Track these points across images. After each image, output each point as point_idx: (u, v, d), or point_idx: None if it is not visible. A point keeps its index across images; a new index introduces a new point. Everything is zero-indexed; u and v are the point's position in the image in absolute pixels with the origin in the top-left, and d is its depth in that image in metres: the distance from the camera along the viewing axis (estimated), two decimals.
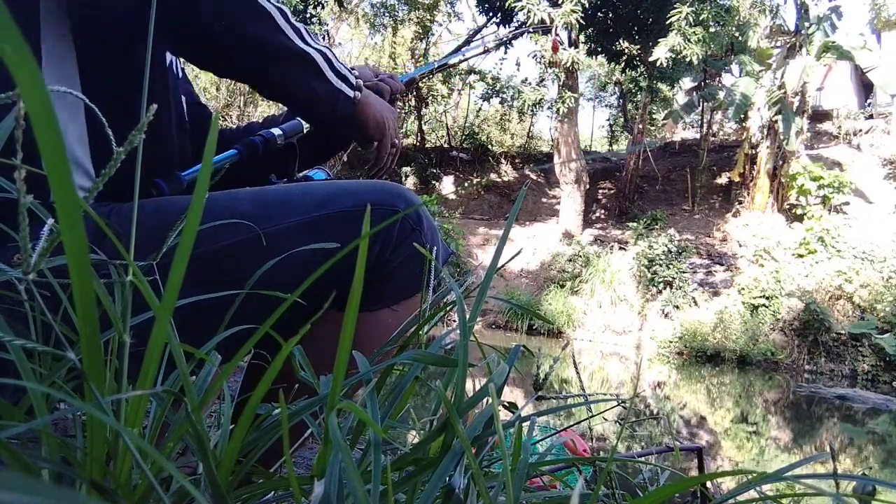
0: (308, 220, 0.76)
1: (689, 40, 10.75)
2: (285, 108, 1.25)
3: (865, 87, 18.91)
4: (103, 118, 0.41)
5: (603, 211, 16.22)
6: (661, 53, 11.01)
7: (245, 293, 0.58)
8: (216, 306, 0.59)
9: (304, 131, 1.08)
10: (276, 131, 1.02)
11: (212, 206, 0.74)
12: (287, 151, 1.07)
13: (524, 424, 0.50)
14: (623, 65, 13.50)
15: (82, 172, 0.76)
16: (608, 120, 23.97)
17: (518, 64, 28.18)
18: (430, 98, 19.83)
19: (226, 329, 0.52)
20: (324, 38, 14.70)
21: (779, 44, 14.22)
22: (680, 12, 10.74)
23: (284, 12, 0.81)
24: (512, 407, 0.63)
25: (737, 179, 14.54)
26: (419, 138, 20.46)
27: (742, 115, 14.08)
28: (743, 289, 11.73)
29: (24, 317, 0.46)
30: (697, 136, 18.00)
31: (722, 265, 12.80)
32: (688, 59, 10.92)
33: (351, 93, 0.90)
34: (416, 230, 0.81)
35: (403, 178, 18.16)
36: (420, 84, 18.94)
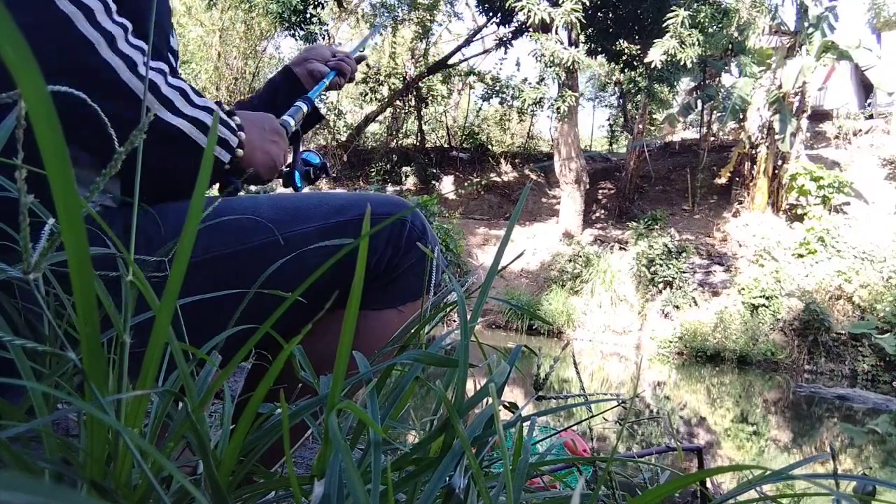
0: (326, 226, 0.82)
1: (684, 43, 10.74)
2: (255, 92, 1.26)
3: (865, 88, 18.93)
4: (106, 119, 0.41)
5: (603, 211, 16.21)
6: (655, 56, 10.99)
7: (260, 294, 0.60)
8: (236, 307, 0.62)
9: (305, 114, 1.09)
10: (290, 120, 1.02)
11: (235, 210, 0.79)
12: (292, 137, 1.07)
13: (524, 424, 0.50)
14: (622, 65, 13.50)
15: (111, 181, 0.76)
16: (608, 120, 23.99)
17: (518, 64, 28.18)
18: (430, 98, 19.82)
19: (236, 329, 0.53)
20: (324, 39, 14.71)
21: (779, 44, 14.20)
22: (677, 15, 10.73)
23: (163, 72, 0.74)
24: (512, 407, 0.63)
25: (725, 179, 14.52)
26: (419, 138, 20.47)
27: (741, 116, 14.06)
28: (743, 289, 11.73)
29: (29, 316, 0.46)
30: (697, 136, 18.00)
31: (722, 265, 12.79)
32: (682, 63, 10.91)
33: (234, 139, 0.82)
34: (422, 239, 0.88)
35: (403, 178, 18.16)
36: (420, 84, 18.94)
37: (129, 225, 0.74)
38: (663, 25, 10.90)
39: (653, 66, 11.19)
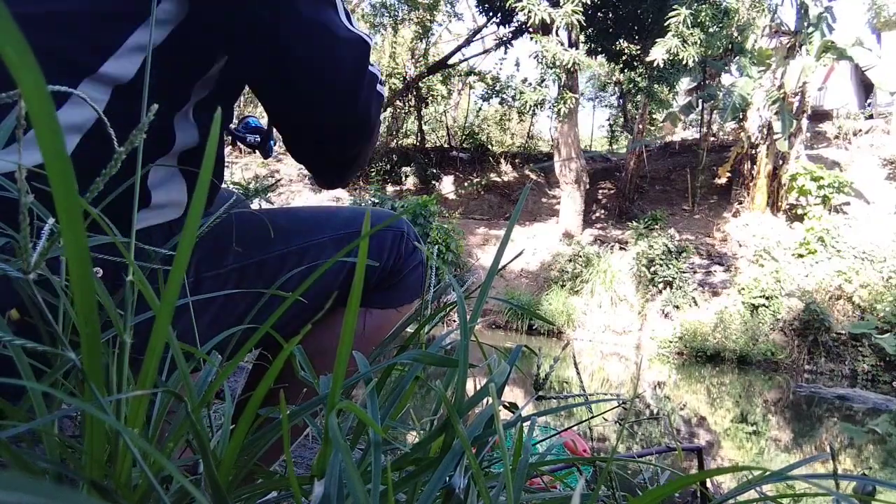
0: (337, 236, 0.92)
1: (686, 42, 10.73)
2: None
3: (865, 88, 18.92)
4: (106, 119, 0.41)
5: (603, 211, 16.21)
6: (657, 55, 10.99)
7: (284, 300, 0.65)
8: (263, 312, 0.66)
9: None
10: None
11: (256, 221, 0.86)
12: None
13: (524, 424, 0.50)
14: (622, 65, 13.49)
15: (178, 188, 0.77)
16: (608, 120, 23.98)
17: (517, 64, 28.14)
18: (430, 98, 19.80)
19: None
20: None
21: (778, 44, 14.20)
22: (678, 14, 10.72)
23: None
24: (512, 407, 0.64)
25: (724, 179, 14.51)
26: (419, 138, 20.46)
27: (741, 116, 14.05)
28: (743, 289, 11.72)
29: (41, 313, 0.46)
30: (697, 136, 17.99)
31: (722, 265, 12.79)
32: (684, 62, 10.90)
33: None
34: (417, 249, 0.99)
35: (403, 178, 18.16)
36: (420, 84, 18.93)
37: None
38: (665, 24, 10.89)
39: (655, 64, 11.18)
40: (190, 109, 0.75)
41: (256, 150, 1.13)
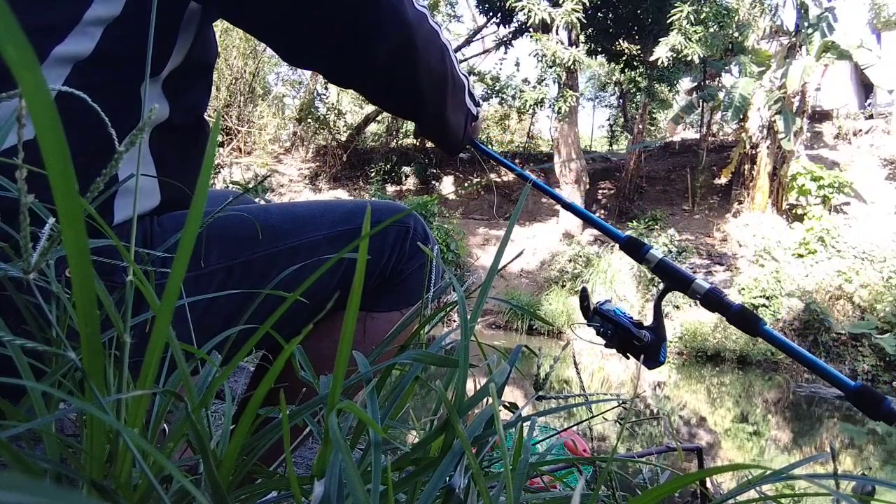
0: (333, 233, 0.85)
1: (689, 39, 10.74)
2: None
3: (865, 88, 18.92)
4: (107, 118, 0.41)
5: (603, 211, 16.20)
6: (661, 52, 10.99)
7: (276, 301, 0.62)
8: (254, 312, 0.65)
9: None
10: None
11: (246, 219, 0.81)
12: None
13: (524, 424, 0.50)
14: (622, 65, 13.49)
15: (144, 170, 0.75)
16: (608, 120, 23.96)
17: (518, 64, 28.12)
18: None
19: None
20: None
21: (778, 44, 14.19)
22: (681, 11, 10.73)
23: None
24: (512, 407, 0.64)
25: (726, 180, 14.50)
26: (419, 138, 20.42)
27: (741, 116, 14.05)
28: (743, 289, 11.72)
29: (33, 315, 0.46)
30: (697, 136, 17.99)
31: (722, 265, 12.78)
32: (689, 59, 10.91)
33: (475, 109, 1.07)
34: (424, 245, 0.91)
35: (403, 178, 18.15)
36: None
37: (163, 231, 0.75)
38: (668, 22, 10.90)
39: (659, 62, 11.18)
40: (160, 82, 0.73)
41: (631, 355, 0.93)
